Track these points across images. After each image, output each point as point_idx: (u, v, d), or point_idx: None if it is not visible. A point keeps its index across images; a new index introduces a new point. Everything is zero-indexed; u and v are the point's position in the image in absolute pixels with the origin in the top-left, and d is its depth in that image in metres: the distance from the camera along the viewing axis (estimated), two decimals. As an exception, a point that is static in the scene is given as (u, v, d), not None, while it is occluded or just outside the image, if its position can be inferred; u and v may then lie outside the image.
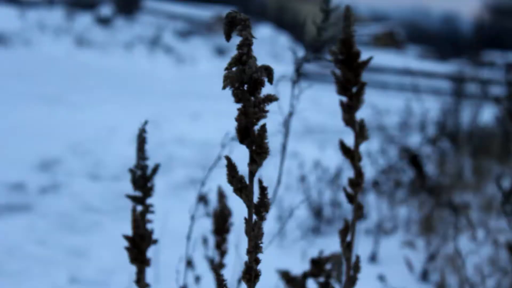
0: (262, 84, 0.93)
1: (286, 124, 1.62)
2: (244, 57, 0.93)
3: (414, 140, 8.51)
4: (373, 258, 4.06)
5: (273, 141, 1.63)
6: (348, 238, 1.38)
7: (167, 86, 16.13)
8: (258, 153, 0.95)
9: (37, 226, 4.45)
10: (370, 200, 5.39)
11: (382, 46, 41.34)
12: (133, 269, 1.54)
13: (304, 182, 4.95)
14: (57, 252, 3.96)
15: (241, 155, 1.05)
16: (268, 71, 0.94)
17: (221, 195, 1.80)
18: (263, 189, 0.97)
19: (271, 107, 1.62)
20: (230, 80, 0.92)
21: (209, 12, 42.01)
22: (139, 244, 1.50)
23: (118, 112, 9.92)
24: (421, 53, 42.51)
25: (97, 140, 7.86)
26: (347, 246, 1.38)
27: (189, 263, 2.07)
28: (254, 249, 0.98)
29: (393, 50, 39.80)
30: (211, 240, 2.75)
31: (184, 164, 7.17)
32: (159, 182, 6.04)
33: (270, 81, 0.95)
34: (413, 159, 4.70)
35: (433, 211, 4.52)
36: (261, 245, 0.98)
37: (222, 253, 1.78)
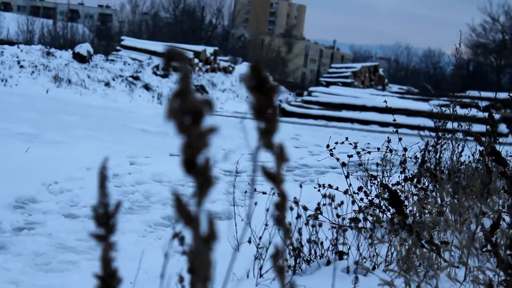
0: (203, 115, 0.97)
1: (254, 157, 1.61)
2: (184, 90, 0.97)
3: (395, 178, 8.49)
4: (352, 298, 3.99)
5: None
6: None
7: (146, 123, 16.09)
8: (204, 184, 0.97)
9: (12, 266, 4.36)
10: (350, 238, 5.33)
11: (364, 84, 41.65)
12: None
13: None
14: (31, 292, 3.86)
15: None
16: (208, 103, 0.99)
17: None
18: (210, 221, 0.98)
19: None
20: (172, 113, 0.96)
21: (188, 51, 42.22)
22: (109, 283, 1.45)
23: (96, 150, 9.81)
24: (403, 91, 42.79)
25: (74, 179, 7.76)
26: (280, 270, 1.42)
27: (162, 304, 2.00)
28: (203, 279, 0.98)
29: (374, 88, 40.10)
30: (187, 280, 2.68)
31: (161, 202, 7.10)
32: (136, 220, 5.97)
33: (211, 112, 0.99)
34: (393, 196, 4.66)
35: (413, 249, 4.47)
36: (211, 275, 0.97)
37: (197, 292, 1.71)
